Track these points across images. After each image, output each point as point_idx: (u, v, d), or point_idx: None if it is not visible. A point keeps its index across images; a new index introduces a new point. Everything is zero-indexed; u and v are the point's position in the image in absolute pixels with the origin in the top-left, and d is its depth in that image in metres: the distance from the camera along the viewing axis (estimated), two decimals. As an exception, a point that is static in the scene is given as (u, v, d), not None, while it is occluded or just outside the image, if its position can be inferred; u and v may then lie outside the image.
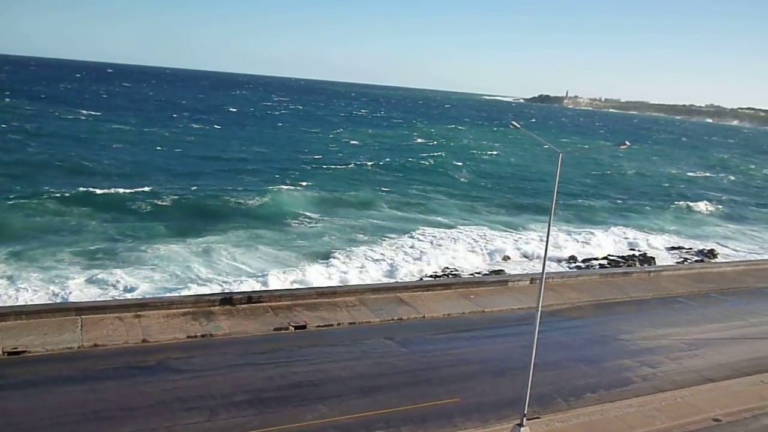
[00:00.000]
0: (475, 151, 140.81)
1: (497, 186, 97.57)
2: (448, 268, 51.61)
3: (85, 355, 26.26)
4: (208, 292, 38.14)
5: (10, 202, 57.04)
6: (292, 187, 77.20)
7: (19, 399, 22.44)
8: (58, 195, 60.46)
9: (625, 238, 67.63)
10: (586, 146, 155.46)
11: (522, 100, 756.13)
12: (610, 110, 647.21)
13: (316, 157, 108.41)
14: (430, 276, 48.66)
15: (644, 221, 79.90)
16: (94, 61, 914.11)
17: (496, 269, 52.03)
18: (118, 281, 40.53)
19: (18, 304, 34.52)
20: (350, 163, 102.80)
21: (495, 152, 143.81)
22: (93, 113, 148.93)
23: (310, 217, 64.22)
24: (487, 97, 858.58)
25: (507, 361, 29.30)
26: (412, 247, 56.13)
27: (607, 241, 64.80)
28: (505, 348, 31.30)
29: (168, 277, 42.40)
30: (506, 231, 66.08)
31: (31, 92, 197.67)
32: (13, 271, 41.26)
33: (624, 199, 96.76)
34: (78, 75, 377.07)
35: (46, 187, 63.77)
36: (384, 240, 57.50)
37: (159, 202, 63.21)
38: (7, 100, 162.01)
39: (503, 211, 77.60)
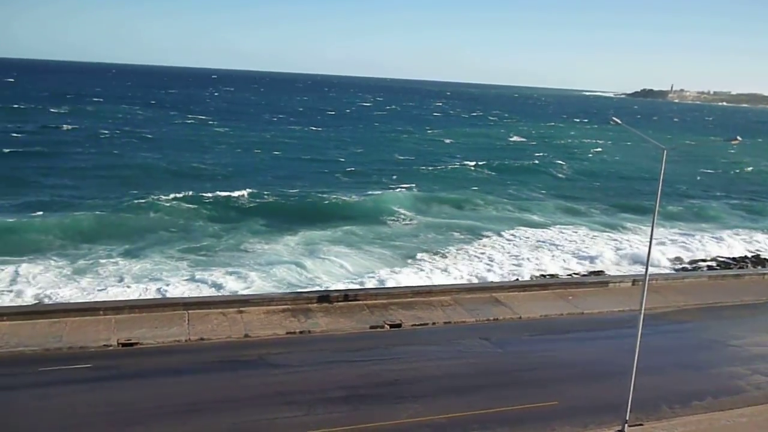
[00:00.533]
0: (576, 150, 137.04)
1: (599, 185, 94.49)
2: (544, 268, 50.51)
3: (192, 348, 27.61)
4: (307, 289, 39.10)
5: (125, 203, 60.64)
6: (388, 188, 77.95)
7: (132, 388, 23.88)
8: (167, 196, 63.62)
9: (738, 239, 63.84)
10: (693, 142, 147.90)
11: (624, 95, 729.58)
12: (720, 104, 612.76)
13: (412, 157, 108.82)
14: (527, 276, 47.79)
15: (760, 222, 75.15)
16: (200, 68, 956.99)
17: (596, 270, 50.48)
18: (221, 278, 42.27)
19: (132, 298, 36.66)
20: (446, 163, 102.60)
21: (598, 149, 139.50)
22: (199, 117, 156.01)
23: (406, 216, 64.57)
24: (587, 93, 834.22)
25: (607, 364, 28.39)
26: (508, 247, 55.36)
27: (717, 242, 61.43)
28: (605, 351, 30.34)
29: (268, 275, 43.74)
30: (607, 231, 63.92)
31: (143, 98, 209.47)
32: (128, 267, 43.84)
33: (738, 197, 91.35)
34: (185, 81, 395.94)
35: (157, 189, 67.33)
36: (480, 239, 57.01)
37: (260, 203, 65.45)
38: (123, 106, 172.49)
39: (605, 211, 75.10)
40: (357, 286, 40.59)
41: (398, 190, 76.82)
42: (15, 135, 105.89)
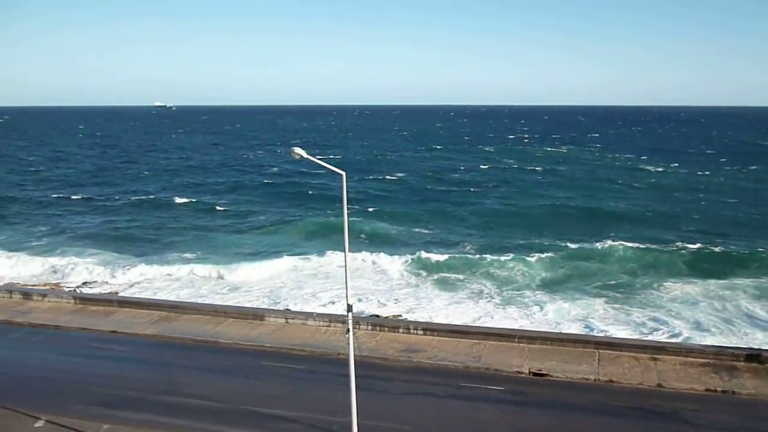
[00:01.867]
0: None
1: None
2: None
3: (600, 389, 27.13)
4: (733, 345, 35.05)
5: (574, 247, 61.35)
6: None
7: (539, 417, 24.60)
8: (586, 243, 62.89)
9: None
10: None
11: None
12: None
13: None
14: None
15: None
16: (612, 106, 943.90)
17: None
18: (636, 320, 40.98)
19: (544, 330, 37.76)
20: None
21: None
22: (621, 157, 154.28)
23: None
24: None
25: None
26: None
27: None
28: None
29: (687, 323, 40.62)
30: None
31: (566, 138, 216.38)
32: (547, 301, 45.55)
33: None
34: (607, 121, 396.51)
35: (570, 234, 67.57)
36: None
37: (678, 247, 60.29)
38: (545, 147, 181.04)
39: None
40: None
41: None
42: (456, 174, 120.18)
